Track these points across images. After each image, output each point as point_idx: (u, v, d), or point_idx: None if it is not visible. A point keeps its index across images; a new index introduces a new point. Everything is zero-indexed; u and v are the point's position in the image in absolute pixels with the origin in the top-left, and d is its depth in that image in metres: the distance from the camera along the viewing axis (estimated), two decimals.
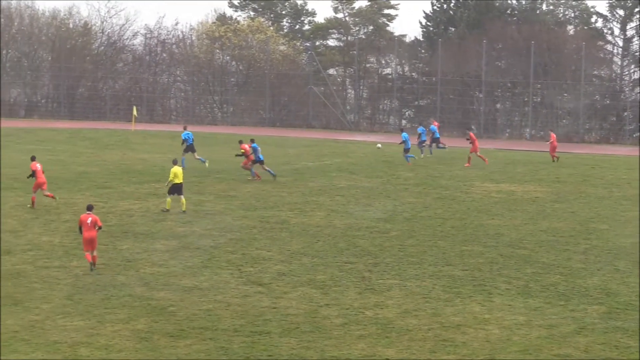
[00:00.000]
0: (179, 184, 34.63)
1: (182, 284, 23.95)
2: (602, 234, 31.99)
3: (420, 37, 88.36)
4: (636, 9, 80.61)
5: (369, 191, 41.11)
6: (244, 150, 43.93)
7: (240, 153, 44.23)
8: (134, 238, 29.65)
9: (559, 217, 35.34)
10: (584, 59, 75.27)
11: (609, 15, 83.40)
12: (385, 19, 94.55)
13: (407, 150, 51.88)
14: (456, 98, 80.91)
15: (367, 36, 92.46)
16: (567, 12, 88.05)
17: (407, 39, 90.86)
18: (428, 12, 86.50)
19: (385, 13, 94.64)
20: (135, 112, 75.48)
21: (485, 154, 54.38)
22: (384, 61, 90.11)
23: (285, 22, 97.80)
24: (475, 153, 51.71)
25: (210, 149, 55.01)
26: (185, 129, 49.36)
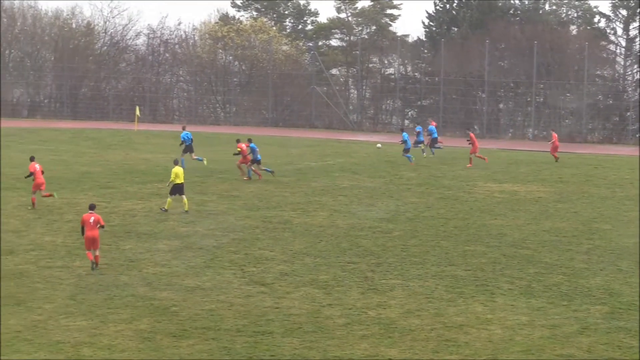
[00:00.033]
0: (180, 184, 34.65)
1: (184, 284, 23.96)
2: (605, 234, 31.97)
3: (422, 37, 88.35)
4: (639, 9, 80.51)
5: (372, 191, 41.10)
6: (240, 149, 43.91)
7: (237, 152, 44.23)
8: (137, 238, 29.66)
9: (561, 217, 35.32)
10: (586, 59, 75.24)
11: (611, 15, 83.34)
12: (387, 19, 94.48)
13: (407, 150, 51.91)
14: (459, 98, 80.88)
15: (370, 36, 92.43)
16: (569, 12, 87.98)
17: (410, 39, 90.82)
18: (431, 12, 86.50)
19: (387, 13, 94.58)
20: (138, 112, 75.50)
21: (487, 153, 54.38)
22: (386, 61, 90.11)
23: (288, 22, 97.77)
24: (475, 154, 51.71)
25: (212, 149, 55.04)
26: (184, 129, 49.30)
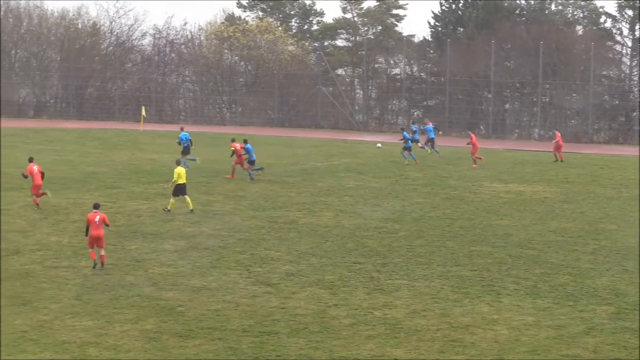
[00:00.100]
0: (182, 184, 34.65)
1: (190, 284, 23.97)
2: (611, 234, 31.94)
3: (428, 37, 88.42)
4: None
5: (378, 191, 41.09)
6: (234, 149, 43.86)
7: (232, 152, 44.14)
8: (143, 238, 29.68)
9: (567, 217, 35.29)
10: (592, 59, 75.17)
11: (617, 15, 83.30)
12: (393, 19, 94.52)
13: (406, 148, 51.93)
14: (465, 98, 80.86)
15: (376, 36, 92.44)
16: (576, 12, 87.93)
17: (416, 39, 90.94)
18: (437, 12, 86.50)
19: (393, 13, 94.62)
20: (144, 112, 75.60)
21: (493, 154, 54.37)
22: (392, 61, 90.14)
23: (294, 22, 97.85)
24: (473, 155, 51.72)
25: (218, 149, 55.06)
26: (182, 130, 49.30)
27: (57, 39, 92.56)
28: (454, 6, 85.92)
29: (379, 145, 58.83)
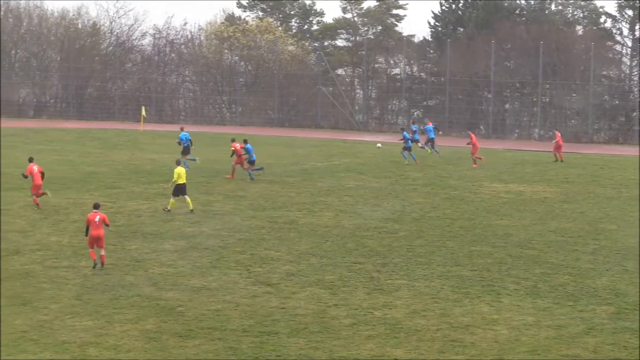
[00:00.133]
0: (182, 184, 34.65)
1: (190, 284, 23.97)
2: (611, 234, 31.94)
3: (428, 37, 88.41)
4: None
5: (378, 191, 41.10)
6: (234, 149, 43.84)
7: (232, 152, 44.12)
8: (143, 238, 29.68)
9: (567, 217, 35.29)
10: (592, 59, 75.17)
11: (617, 15, 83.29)
12: (393, 19, 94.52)
13: (407, 148, 51.95)
14: (465, 98, 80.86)
15: (376, 36, 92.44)
16: (576, 12, 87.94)
17: (416, 39, 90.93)
18: (437, 12, 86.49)
19: (393, 13, 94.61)
20: (144, 112, 75.60)
21: (493, 154, 54.36)
22: (392, 61, 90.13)
23: (294, 22, 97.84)
24: (473, 155, 51.73)
25: (218, 149, 55.06)
26: (182, 130, 49.29)
27: (57, 39, 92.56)
28: (454, 6, 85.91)
29: (378, 145, 58.83)
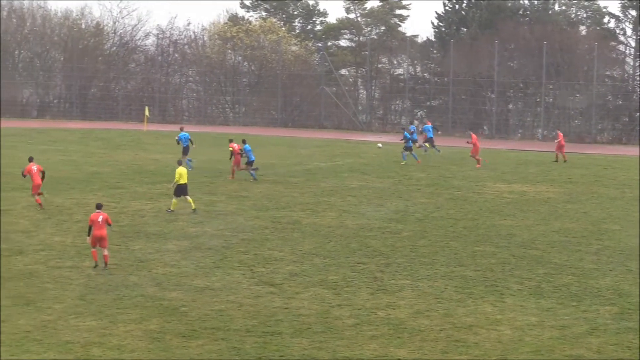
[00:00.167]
0: (184, 184, 34.64)
1: (194, 284, 23.97)
2: (614, 234, 31.91)
3: (432, 38, 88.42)
4: None
5: (381, 191, 41.09)
6: (232, 149, 43.79)
7: (230, 152, 44.06)
8: (146, 238, 29.69)
9: (571, 217, 35.27)
10: (596, 59, 75.17)
11: (621, 15, 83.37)
12: (397, 20, 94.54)
13: (407, 148, 51.97)
14: (468, 98, 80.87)
15: (379, 36, 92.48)
16: (579, 12, 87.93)
17: (419, 40, 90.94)
18: (440, 13, 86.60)
19: (397, 13, 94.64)
20: (147, 112, 75.62)
21: (497, 154, 54.32)
22: (395, 61, 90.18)
23: (297, 23, 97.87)
24: (474, 155, 51.70)
25: (221, 150, 54.96)
26: (182, 130, 49.27)
27: (61, 39, 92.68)
28: (457, 6, 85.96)
29: (379, 145, 58.83)
